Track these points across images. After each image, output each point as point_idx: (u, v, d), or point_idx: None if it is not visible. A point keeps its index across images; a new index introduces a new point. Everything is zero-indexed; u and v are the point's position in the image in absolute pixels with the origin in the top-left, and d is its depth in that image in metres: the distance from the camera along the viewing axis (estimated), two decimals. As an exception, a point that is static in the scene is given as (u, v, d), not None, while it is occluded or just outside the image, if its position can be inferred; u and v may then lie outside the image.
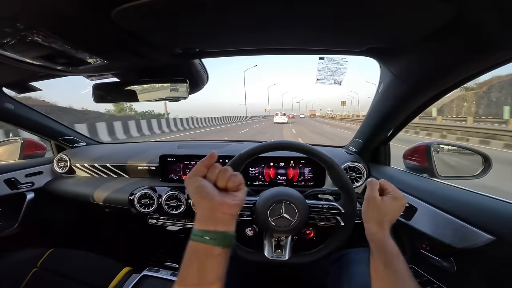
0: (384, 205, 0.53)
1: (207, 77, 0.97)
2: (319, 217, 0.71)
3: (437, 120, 16.90)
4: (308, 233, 0.73)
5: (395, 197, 0.54)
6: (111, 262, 1.01)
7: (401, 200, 0.55)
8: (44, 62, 0.66)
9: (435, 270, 0.69)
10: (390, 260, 0.47)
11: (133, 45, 0.63)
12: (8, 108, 1.12)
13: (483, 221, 0.57)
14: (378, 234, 0.51)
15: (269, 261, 0.69)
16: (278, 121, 25.28)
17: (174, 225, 1.17)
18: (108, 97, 0.91)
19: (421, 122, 15.16)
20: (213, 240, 0.41)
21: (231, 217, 0.43)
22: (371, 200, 0.54)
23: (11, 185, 1.20)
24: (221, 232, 0.42)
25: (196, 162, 1.14)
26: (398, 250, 0.49)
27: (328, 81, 0.88)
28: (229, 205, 0.43)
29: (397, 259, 0.47)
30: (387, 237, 0.51)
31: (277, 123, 24.68)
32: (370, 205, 0.54)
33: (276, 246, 0.71)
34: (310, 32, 0.59)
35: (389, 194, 0.55)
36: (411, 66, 0.66)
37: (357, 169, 1.05)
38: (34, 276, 0.92)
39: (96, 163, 1.30)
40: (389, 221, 0.52)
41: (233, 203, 0.43)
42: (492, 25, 0.43)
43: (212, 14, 0.49)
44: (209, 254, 0.41)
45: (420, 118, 16.22)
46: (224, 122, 26.84)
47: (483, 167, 0.83)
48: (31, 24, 0.47)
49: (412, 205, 0.76)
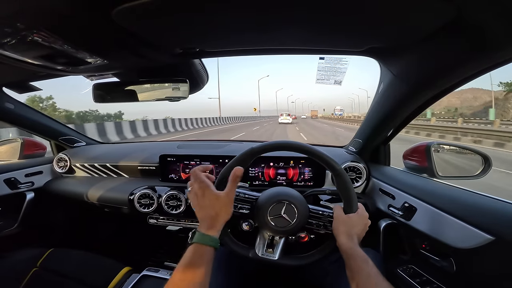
0: (351, 221, 0.63)
1: (207, 77, 0.97)
2: (317, 223, 0.71)
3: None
4: (303, 236, 0.73)
5: (360, 215, 0.65)
6: (111, 262, 1.01)
7: (366, 219, 0.66)
8: (44, 62, 0.66)
9: (434, 270, 0.70)
10: (360, 265, 0.54)
11: (133, 45, 0.63)
12: (8, 108, 1.12)
13: (482, 221, 0.57)
14: (347, 244, 0.59)
15: (259, 258, 0.69)
16: (283, 121, 27.86)
17: (174, 225, 1.17)
18: (108, 97, 0.92)
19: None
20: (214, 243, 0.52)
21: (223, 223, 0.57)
22: (339, 218, 0.65)
23: (11, 185, 1.20)
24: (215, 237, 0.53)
25: (196, 162, 1.14)
26: (367, 256, 0.56)
27: (328, 81, 0.88)
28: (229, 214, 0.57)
29: (367, 263, 0.54)
30: (355, 245, 0.59)
31: (282, 123, 27.29)
32: (339, 221, 0.64)
33: (269, 245, 0.71)
34: (310, 32, 0.59)
35: (356, 213, 0.65)
36: (411, 66, 0.66)
37: (357, 169, 1.05)
38: (34, 276, 0.92)
39: (96, 163, 1.30)
40: (356, 234, 0.62)
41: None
42: (492, 25, 0.43)
43: (212, 15, 0.49)
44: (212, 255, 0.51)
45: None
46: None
47: (483, 167, 0.83)
48: (31, 24, 0.47)
49: (412, 205, 0.76)
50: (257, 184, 1.10)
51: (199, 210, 0.56)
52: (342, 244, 0.60)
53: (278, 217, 0.68)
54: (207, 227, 0.53)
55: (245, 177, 1.10)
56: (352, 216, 0.64)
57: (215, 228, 0.54)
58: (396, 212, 0.81)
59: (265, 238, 0.72)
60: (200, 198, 0.56)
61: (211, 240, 0.52)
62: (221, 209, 0.55)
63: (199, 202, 0.56)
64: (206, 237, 0.52)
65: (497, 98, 27.94)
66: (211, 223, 0.54)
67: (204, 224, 0.54)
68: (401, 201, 0.81)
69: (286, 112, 31.71)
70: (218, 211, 0.55)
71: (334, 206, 0.70)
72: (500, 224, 0.54)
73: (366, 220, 0.66)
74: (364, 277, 0.52)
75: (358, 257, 0.56)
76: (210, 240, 0.52)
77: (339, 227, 0.63)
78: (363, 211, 0.67)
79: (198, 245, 0.50)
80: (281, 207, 0.69)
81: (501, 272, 0.54)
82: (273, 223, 0.68)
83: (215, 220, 0.54)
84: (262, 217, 0.69)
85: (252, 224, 0.75)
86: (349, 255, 0.57)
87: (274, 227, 0.68)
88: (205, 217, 0.55)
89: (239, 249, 0.71)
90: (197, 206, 0.56)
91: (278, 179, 1.10)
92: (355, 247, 0.58)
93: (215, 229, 0.54)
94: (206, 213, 0.55)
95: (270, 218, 0.68)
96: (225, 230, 0.72)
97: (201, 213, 0.56)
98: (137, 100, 0.89)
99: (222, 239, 0.68)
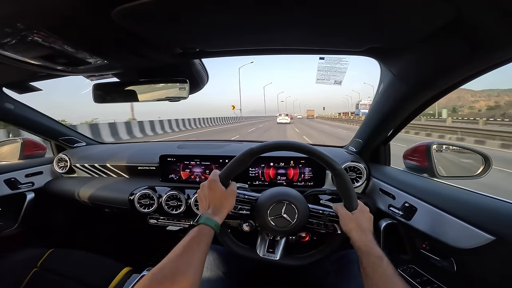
0: (357, 217, 0.64)
1: (207, 77, 0.97)
2: (317, 222, 0.71)
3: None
4: (304, 236, 0.73)
5: (361, 210, 0.66)
6: (111, 262, 1.01)
7: (368, 213, 0.67)
8: (44, 62, 0.66)
9: (435, 270, 0.69)
10: (375, 262, 0.54)
11: (133, 45, 0.63)
12: (8, 108, 1.12)
13: (483, 221, 0.56)
14: (362, 240, 0.59)
15: (260, 259, 0.69)
16: (282, 121, 29.00)
17: (174, 225, 1.17)
18: (108, 97, 0.92)
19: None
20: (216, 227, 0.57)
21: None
22: (345, 216, 0.66)
23: (11, 185, 1.20)
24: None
25: (196, 162, 1.14)
26: (382, 253, 0.56)
27: (328, 81, 0.88)
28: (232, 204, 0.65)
29: (382, 261, 0.54)
30: (371, 241, 0.59)
31: (280, 123, 28.24)
32: (347, 219, 0.65)
33: (270, 246, 0.71)
34: (310, 32, 0.59)
35: (357, 209, 0.66)
36: (411, 66, 0.66)
37: (357, 169, 1.05)
38: (34, 276, 0.92)
39: (96, 163, 1.30)
40: (368, 229, 0.62)
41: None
42: (492, 25, 0.43)
43: (212, 15, 0.49)
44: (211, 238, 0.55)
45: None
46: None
47: (483, 167, 0.83)
48: (31, 24, 0.47)
49: (412, 205, 0.76)
50: (257, 184, 1.10)
51: (204, 199, 0.64)
52: (357, 241, 0.60)
53: (279, 217, 0.68)
54: (212, 213, 0.60)
55: (245, 177, 1.10)
56: (356, 212, 0.65)
57: (219, 215, 0.60)
58: (396, 212, 0.81)
59: (266, 239, 0.72)
60: (209, 190, 0.64)
61: (215, 225, 0.57)
62: (225, 200, 0.63)
63: (209, 193, 0.63)
64: (211, 220, 0.57)
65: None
66: (216, 210, 0.61)
67: (209, 210, 0.61)
68: (401, 201, 0.81)
69: (284, 113, 33.68)
70: (223, 201, 0.63)
71: (335, 206, 0.70)
72: (500, 224, 0.54)
73: (369, 214, 0.67)
74: (380, 275, 0.52)
75: (373, 254, 0.56)
76: (214, 223, 0.57)
77: (349, 224, 0.63)
78: (362, 206, 0.68)
79: (203, 226, 0.56)
80: (281, 207, 0.69)
81: (502, 272, 0.54)
82: (273, 223, 0.68)
83: (219, 209, 0.61)
84: (262, 217, 0.69)
85: (253, 225, 0.75)
86: (363, 252, 0.57)
87: (274, 227, 0.68)
88: (212, 205, 0.62)
89: (240, 250, 0.71)
90: (204, 196, 0.64)
91: (278, 179, 1.10)
92: (370, 244, 0.58)
93: (219, 216, 0.60)
94: (212, 202, 0.62)
95: (271, 219, 0.68)
96: (225, 231, 0.72)
97: (208, 202, 0.63)
98: (137, 100, 0.89)
99: (222, 240, 0.69)
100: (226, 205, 0.63)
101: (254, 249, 0.71)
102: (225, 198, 0.63)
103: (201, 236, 0.53)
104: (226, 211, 0.63)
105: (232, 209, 0.67)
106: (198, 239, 0.52)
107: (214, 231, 0.56)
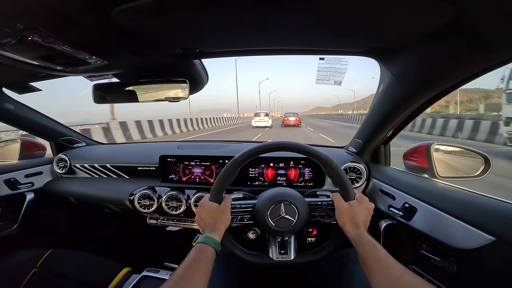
0: (352, 209, 0.63)
1: (207, 77, 0.97)
2: (319, 214, 0.70)
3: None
4: (311, 231, 0.73)
5: (360, 200, 0.65)
6: (110, 263, 1.01)
7: (367, 203, 0.66)
8: (44, 62, 0.66)
9: (435, 270, 0.69)
10: (369, 251, 0.55)
11: (133, 45, 0.63)
12: (8, 108, 1.12)
13: (483, 221, 0.56)
14: (353, 232, 0.60)
15: (275, 262, 0.69)
16: (259, 124, 17.94)
17: (174, 226, 1.17)
18: (108, 98, 0.92)
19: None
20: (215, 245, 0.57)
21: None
22: (340, 208, 0.65)
23: (11, 186, 1.20)
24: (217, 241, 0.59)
25: (196, 162, 1.14)
26: (375, 241, 0.57)
27: (328, 81, 0.88)
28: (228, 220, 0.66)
29: (375, 248, 0.55)
30: (363, 232, 0.60)
31: (257, 127, 17.78)
32: (341, 212, 0.64)
33: (281, 247, 0.70)
34: (310, 33, 0.59)
35: (355, 200, 0.65)
36: (411, 66, 0.66)
37: (357, 169, 1.05)
38: (34, 277, 0.92)
39: (96, 164, 1.30)
40: (362, 222, 0.62)
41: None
42: (492, 25, 0.43)
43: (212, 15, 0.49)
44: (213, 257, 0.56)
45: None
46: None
47: (483, 167, 0.83)
48: (31, 24, 0.47)
49: (412, 205, 0.75)
50: (257, 185, 1.10)
51: (200, 221, 0.65)
52: (349, 233, 0.61)
53: (280, 218, 0.68)
54: (209, 231, 0.61)
55: (245, 178, 1.10)
56: (353, 203, 0.65)
57: (216, 232, 0.61)
58: (396, 212, 0.81)
59: (275, 241, 0.71)
60: (201, 211, 0.66)
61: (213, 242, 0.58)
62: (219, 216, 0.64)
63: (200, 215, 0.65)
64: (208, 238, 0.58)
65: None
66: (212, 228, 0.62)
67: (206, 230, 0.62)
68: (401, 201, 0.81)
69: (263, 112, 18.94)
70: (217, 218, 0.64)
71: (332, 195, 0.70)
72: (501, 224, 0.54)
73: (368, 204, 0.66)
74: (374, 261, 0.53)
75: (366, 243, 0.57)
76: (212, 241, 0.58)
77: (343, 217, 0.64)
78: (362, 196, 0.67)
79: (201, 244, 0.57)
80: (279, 208, 0.69)
81: (502, 273, 0.54)
82: (276, 225, 0.68)
83: (214, 226, 0.62)
84: (264, 222, 0.69)
85: (258, 232, 0.75)
86: (357, 242, 0.58)
87: (278, 229, 0.68)
88: (207, 224, 0.63)
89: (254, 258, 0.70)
90: (200, 218, 0.65)
91: (278, 179, 1.10)
92: (362, 234, 0.59)
93: (216, 233, 0.61)
94: (207, 221, 0.63)
95: (272, 221, 0.68)
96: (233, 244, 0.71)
97: (203, 223, 0.64)
98: (137, 101, 0.89)
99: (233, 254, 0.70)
100: (221, 221, 0.64)
101: (267, 254, 0.71)
102: (219, 215, 0.64)
103: (199, 255, 0.54)
104: (223, 227, 0.64)
105: (234, 222, 0.69)
106: (197, 258, 0.54)
107: (214, 249, 0.57)
